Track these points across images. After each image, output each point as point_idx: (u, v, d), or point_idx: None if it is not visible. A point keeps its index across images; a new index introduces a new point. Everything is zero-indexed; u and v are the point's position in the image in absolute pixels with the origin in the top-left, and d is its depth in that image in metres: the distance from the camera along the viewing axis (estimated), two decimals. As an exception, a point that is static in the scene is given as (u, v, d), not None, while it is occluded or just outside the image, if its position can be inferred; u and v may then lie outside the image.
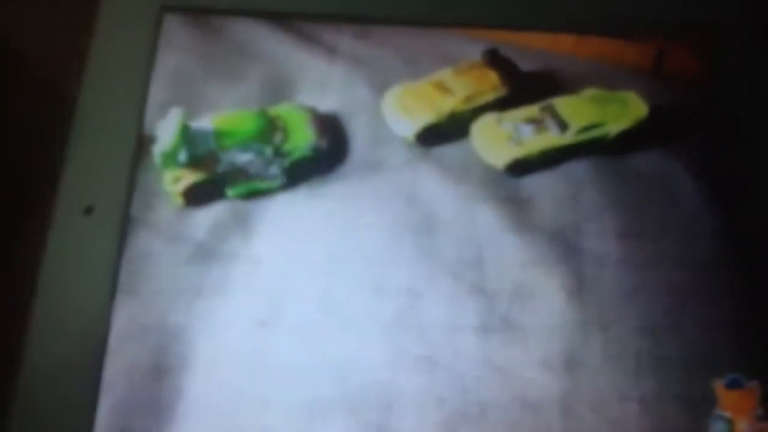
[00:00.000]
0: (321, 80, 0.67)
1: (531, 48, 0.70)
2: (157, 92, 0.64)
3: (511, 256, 0.60)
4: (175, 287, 0.57)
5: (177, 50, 0.66)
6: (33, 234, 0.58)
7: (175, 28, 0.67)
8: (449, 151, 0.65)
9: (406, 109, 0.65)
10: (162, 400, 0.53)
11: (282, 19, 0.68)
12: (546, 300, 0.59)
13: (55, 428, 0.52)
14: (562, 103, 0.67)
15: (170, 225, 0.59)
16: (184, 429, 0.53)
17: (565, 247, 0.61)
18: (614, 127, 0.67)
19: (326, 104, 0.66)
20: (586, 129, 0.66)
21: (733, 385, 0.56)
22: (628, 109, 0.68)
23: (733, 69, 0.69)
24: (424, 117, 0.65)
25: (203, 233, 0.59)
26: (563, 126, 0.66)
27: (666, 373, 0.57)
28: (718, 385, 0.57)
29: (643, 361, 0.57)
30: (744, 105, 0.67)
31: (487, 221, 0.62)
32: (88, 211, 0.57)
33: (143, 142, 0.62)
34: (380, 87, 0.67)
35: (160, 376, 0.54)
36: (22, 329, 0.54)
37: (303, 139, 0.63)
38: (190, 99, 0.64)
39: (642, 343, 0.58)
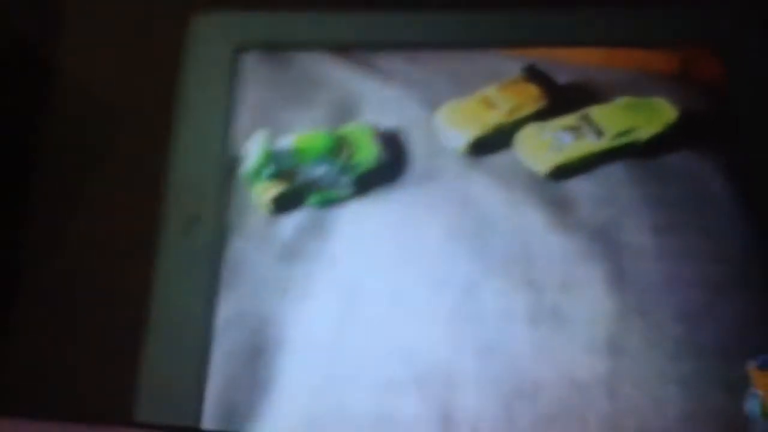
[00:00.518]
0: (380, 102, 0.73)
1: (565, 62, 0.75)
2: (242, 120, 0.73)
3: (556, 252, 0.65)
4: (267, 282, 0.65)
5: (254, 83, 0.74)
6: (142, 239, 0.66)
7: (250, 65, 0.75)
8: (496, 159, 0.71)
9: (457, 124, 0.71)
10: (260, 377, 0.61)
11: (342, 49, 0.76)
12: (589, 291, 0.64)
13: (173, 401, 0.60)
14: (597, 112, 0.72)
15: (260, 230, 0.67)
16: (280, 402, 0.60)
17: (604, 242, 0.65)
18: (646, 131, 0.71)
19: (386, 122, 0.72)
20: (620, 134, 0.71)
21: (765, 365, 0.60)
22: (658, 114, 0.72)
23: (739, 75, 0.73)
24: (473, 130, 0.71)
25: (288, 236, 0.67)
26: (599, 132, 0.71)
27: (703, 357, 0.61)
28: (752, 367, 0.60)
29: (681, 345, 0.61)
30: (744, 108, 0.72)
31: (534, 222, 0.67)
32: (196, 219, 0.66)
33: (235, 163, 0.70)
34: (431, 105, 0.73)
35: (258, 357, 0.62)
36: (143, 319, 0.63)
37: (368, 153, 0.70)
38: (270, 124, 0.72)
39: (679, 330, 0.61)
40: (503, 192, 0.69)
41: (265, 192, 0.68)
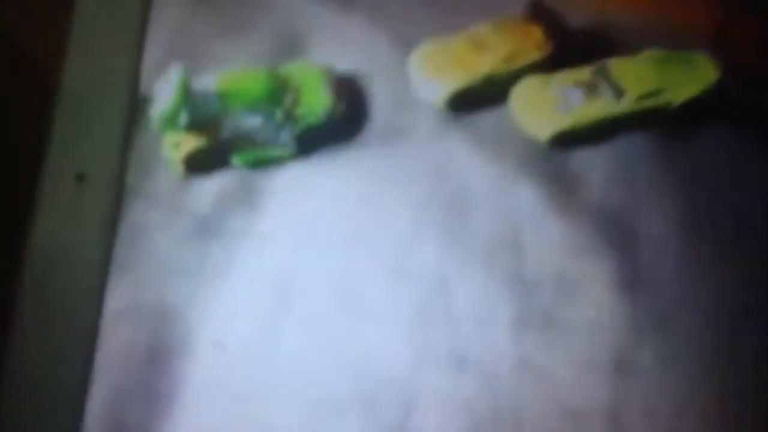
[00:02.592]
0: (338, 35, 0.71)
1: (582, 1, 0.74)
2: (154, 48, 0.69)
3: (553, 241, 0.64)
4: (174, 264, 0.62)
5: (176, 2, 0.71)
6: (20, 204, 0.63)
7: (174, -25, 0.72)
8: (485, 118, 0.69)
9: (436, 70, 0.69)
10: (159, 387, 0.58)
11: (296, -37, 0.73)
12: (593, 292, 0.62)
13: (43, 417, 0.55)
14: (618, 65, 0.70)
15: (170, 195, 0.65)
16: (183, 420, 0.58)
17: (617, 231, 0.65)
18: (679, 93, 0.69)
19: (344, 62, 0.70)
20: (645, 96, 0.69)
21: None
22: (695, 73, 0.70)
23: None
24: (457, 79, 0.69)
25: (206, 206, 0.64)
26: (619, 92, 0.69)
27: (733, 382, 0.59)
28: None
29: (704, 366, 0.60)
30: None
31: (527, 200, 0.65)
32: (79, 178, 0.61)
33: (139, 104, 0.67)
34: (405, 43, 0.71)
35: (158, 361, 0.59)
36: (6, 307, 0.60)
37: (318, 102, 0.67)
38: (192, 55, 0.69)
39: (704, 346, 0.61)
40: (490, 161, 0.67)
41: (179, 146, 0.65)
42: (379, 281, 0.63)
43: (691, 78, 0.71)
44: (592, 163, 0.68)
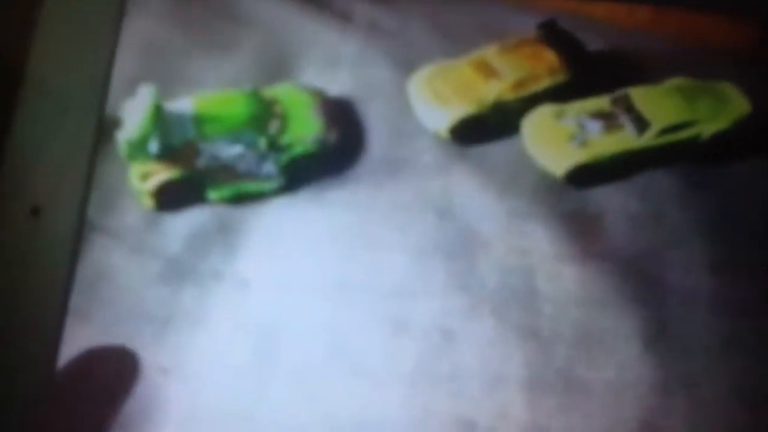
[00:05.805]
0: (331, 55, 0.70)
1: (599, 21, 0.73)
2: (124, 65, 0.66)
3: (571, 290, 0.63)
4: (139, 313, 0.60)
5: (151, 14, 0.71)
6: None
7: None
8: (493, 151, 0.68)
9: (439, 96, 0.69)
10: None
11: (285, -24, 0.71)
12: (616, 349, 0.61)
13: None
14: (641, 95, 0.70)
15: (136, 233, 0.63)
16: None
17: (642, 281, 0.63)
18: (707, 127, 0.70)
19: (337, 85, 0.69)
20: (671, 129, 0.69)
21: None
22: (725, 105, 0.71)
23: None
24: (462, 106, 0.68)
25: (177, 246, 0.63)
26: (642, 124, 0.69)
27: None
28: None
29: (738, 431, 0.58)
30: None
31: (540, 244, 0.64)
32: (34, 212, 0.59)
33: (105, 127, 0.64)
34: (406, 66, 0.70)
35: (121, 430, 0.56)
36: None
37: (306, 129, 0.66)
38: (166, 74, 0.68)
39: (738, 411, 0.59)
40: (499, 198, 0.67)
41: (148, 176, 0.64)
42: (374, 334, 0.62)
43: (720, 110, 0.72)
44: (613, 203, 0.68)
